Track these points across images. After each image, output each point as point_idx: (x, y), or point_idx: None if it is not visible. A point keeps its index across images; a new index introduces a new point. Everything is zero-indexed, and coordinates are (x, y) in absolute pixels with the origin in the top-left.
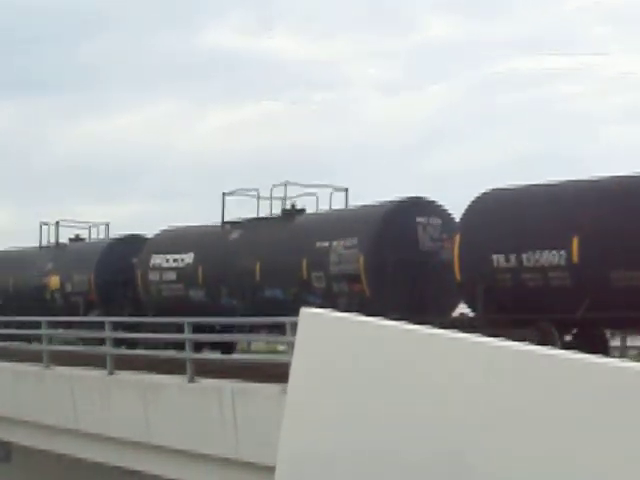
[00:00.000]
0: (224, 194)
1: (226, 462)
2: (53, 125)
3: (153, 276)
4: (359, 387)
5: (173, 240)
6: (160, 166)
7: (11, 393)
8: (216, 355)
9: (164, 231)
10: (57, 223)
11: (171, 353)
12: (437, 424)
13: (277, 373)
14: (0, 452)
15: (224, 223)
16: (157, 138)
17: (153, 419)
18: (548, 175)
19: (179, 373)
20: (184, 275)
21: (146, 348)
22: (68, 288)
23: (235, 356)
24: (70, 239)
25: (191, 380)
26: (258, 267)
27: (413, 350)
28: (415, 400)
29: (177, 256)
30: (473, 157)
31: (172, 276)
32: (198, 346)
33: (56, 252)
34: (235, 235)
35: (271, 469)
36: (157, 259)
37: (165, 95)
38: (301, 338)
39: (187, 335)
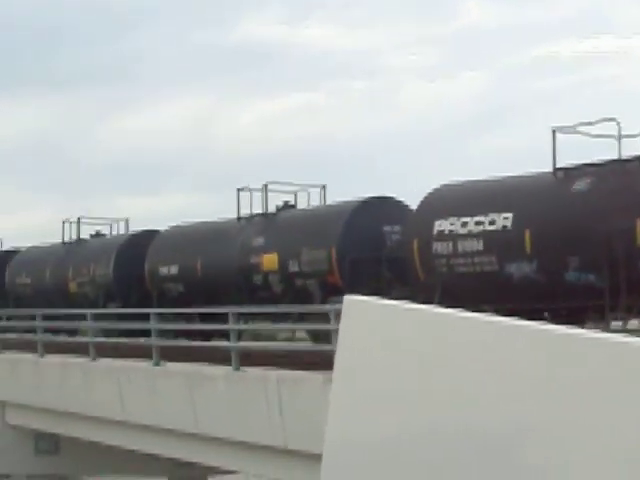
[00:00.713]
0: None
1: (273, 451)
2: (96, 120)
3: (442, 248)
4: (406, 373)
5: (474, 197)
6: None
7: (59, 385)
8: (259, 344)
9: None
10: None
11: (215, 343)
12: (488, 411)
13: (320, 361)
14: (48, 444)
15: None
16: (197, 131)
17: (200, 409)
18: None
19: (224, 363)
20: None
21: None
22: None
23: (279, 344)
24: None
25: (236, 369)
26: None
27: (471, 336)
28: (467, 386)
29: (483, 218)
30: (517, 140)
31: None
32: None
33: (266, 223)
34: (581, 185)
35: (318, 457)
36: (443, 224)
37: (204, 88)
38: (346, 326)
39: (231, 325)
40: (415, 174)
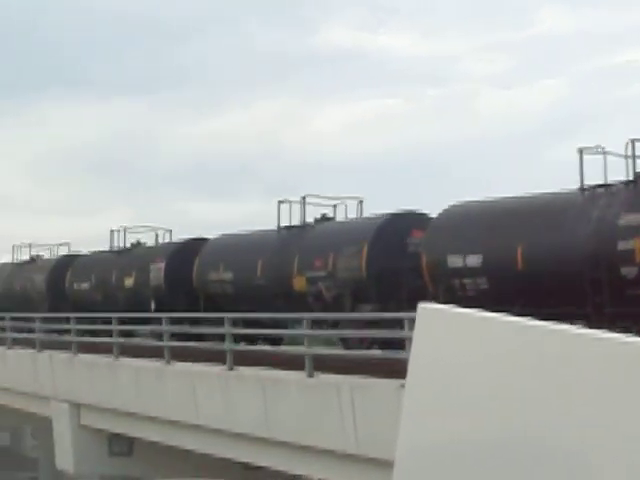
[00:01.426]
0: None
1: (346, 457)
2: (170, 123)
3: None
4: (480, 381)
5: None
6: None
7: (133, 388)
8: (337, 350)
9: None
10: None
11: (288, 348)
12: (562, 418)
13: (393, 369)
14: (122, 446)
15: None
16: (270, 136)
17: (272, 414)
18: None
19: (297, 369)
20: None
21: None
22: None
23: (353, 352)
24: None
25: (310, 375)
26: None
27: (544, 345)
28: (541, 393)
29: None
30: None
31: None
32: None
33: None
34: None
35: (390, 464)
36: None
37: (279, 93)
38: (420, 333)
39: (305, 331)
40: (491, 182)
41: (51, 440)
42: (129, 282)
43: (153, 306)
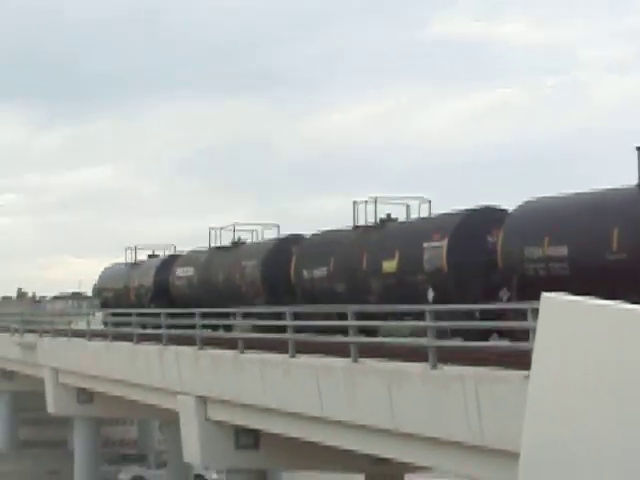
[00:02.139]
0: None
1: (471, 449)
2: (286, 121)
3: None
4: (609, 374)
5: None
6: (390, 158)
7: (259, 382)
8: (456, 342)
9: None
10: None
11: (411, 340)
12: None
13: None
14: (249, 439)
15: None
16: (387, 130)
17: (396, 406)
18: None
19: (420, 360)
20: None
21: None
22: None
23: (478, 343)
24: None
25: (434, 367)
26: None
27: None
28: None
29: None
30: None
31: None
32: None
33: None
34: None
35: (515, 455)
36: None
37: (394, 88)
38: (544, 324)
39: (428, 323)
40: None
41: (178, 434)
42: (390, 266)
43: (431, 295)
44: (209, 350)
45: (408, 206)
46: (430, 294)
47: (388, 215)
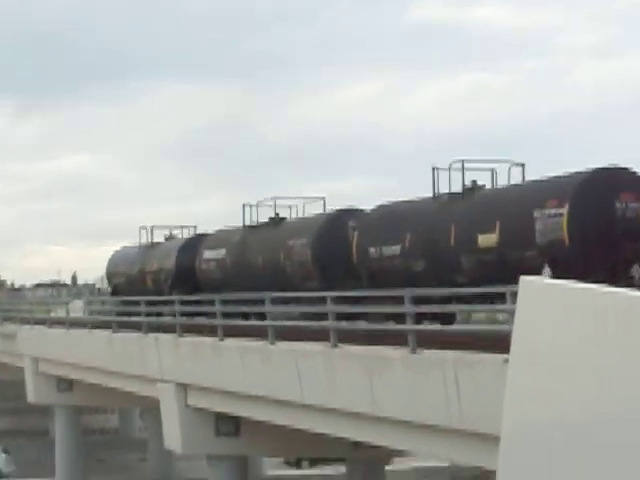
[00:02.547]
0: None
1: (450, 433)
2: (268, 106)
3: None
4: (588, 356)
5: None
6: (371, 143)
7: (239, 368)
8: (436, 327)
9: None
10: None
11: (391, 326)
12: None
13: (498, 344)
14: (229, 426)
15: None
16: (367, 116)
17: (377, 391)
18: None
19: (400, 345)
20: None
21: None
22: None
23: (455, 327)
24: None
25: (413, 352)
26: None
27: None
28: None
29: None
30: None
31: None
32: (418, 318)
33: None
34: None
35: (495, 438)
36: None
37: (377, 72)
38: (522, 307)
39: (407, 308)
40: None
41: (159, 421)
42: (488, 240)
43: (548, 272)
44: (189, 337)
45: (495, 171)
46: (546, 271)
47: (474, 182)
